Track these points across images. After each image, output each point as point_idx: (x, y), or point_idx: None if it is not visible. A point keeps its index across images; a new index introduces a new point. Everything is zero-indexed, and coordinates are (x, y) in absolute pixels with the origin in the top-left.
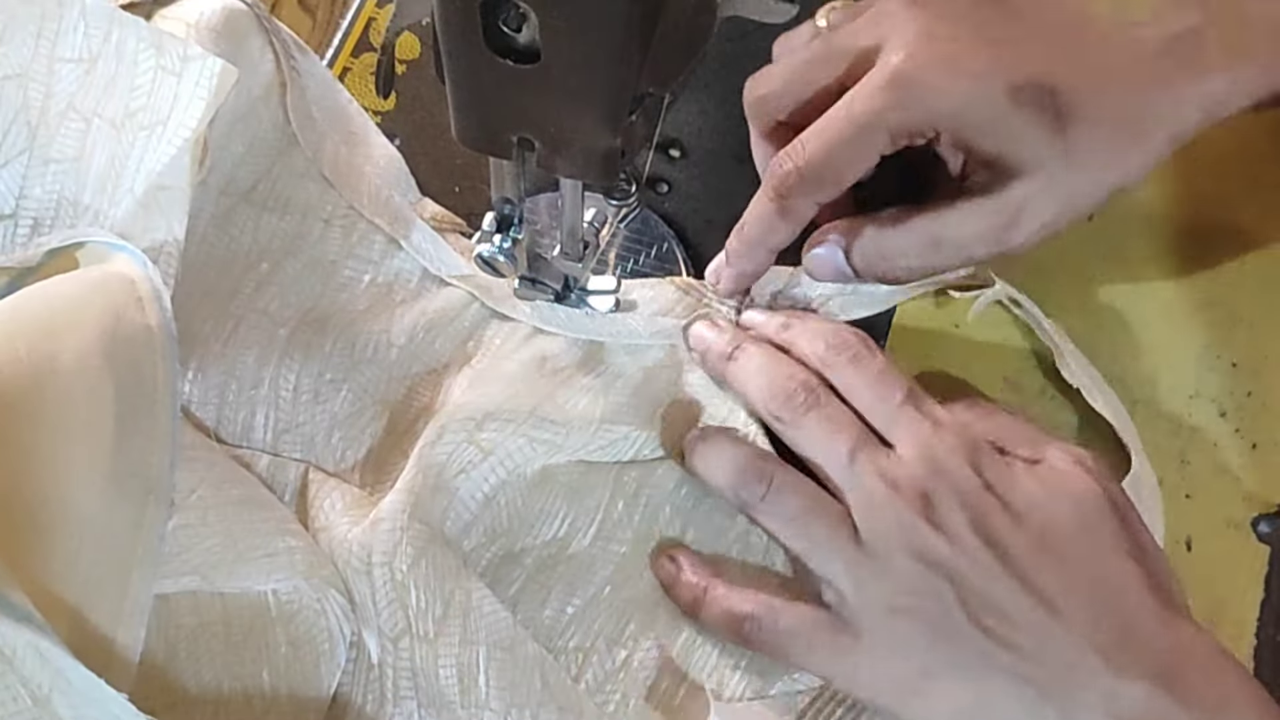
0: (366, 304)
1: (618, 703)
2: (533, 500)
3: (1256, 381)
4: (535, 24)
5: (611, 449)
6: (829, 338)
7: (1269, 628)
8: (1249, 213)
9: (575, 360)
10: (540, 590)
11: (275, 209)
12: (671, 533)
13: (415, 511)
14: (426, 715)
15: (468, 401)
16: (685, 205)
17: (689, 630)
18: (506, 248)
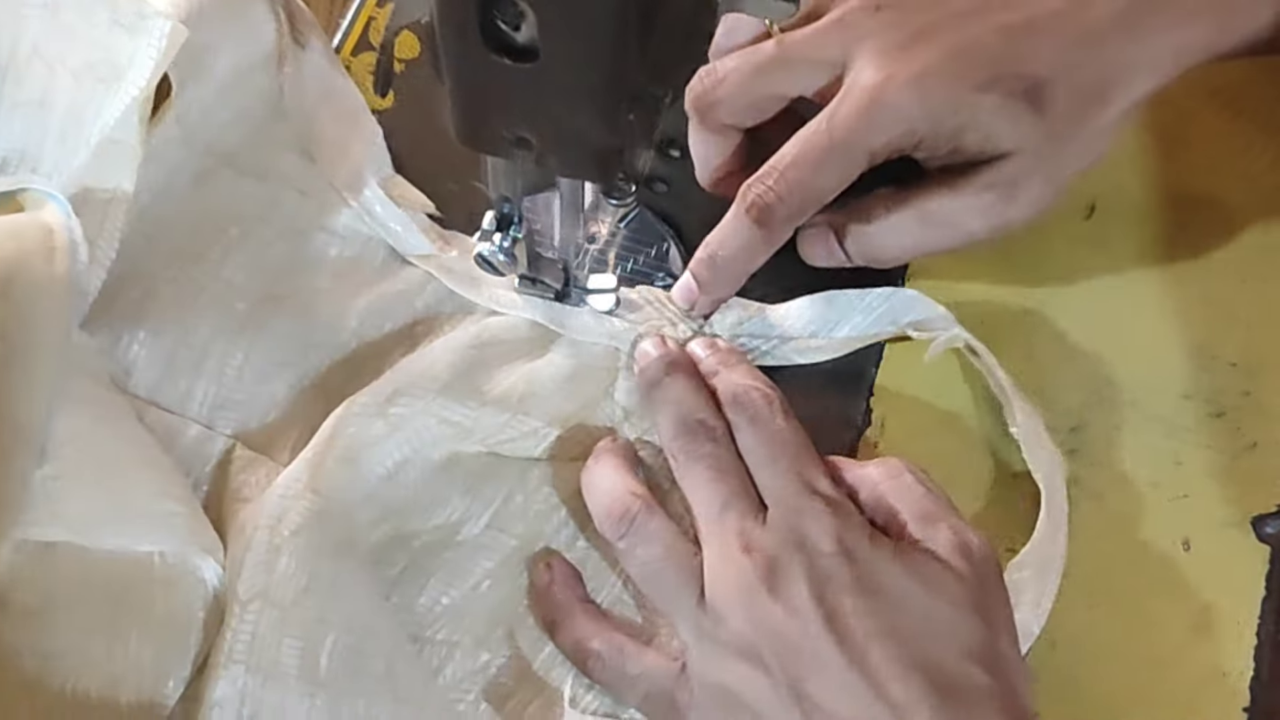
0: (329, 281)
1: (469, 704)
2: (434, 483)
3: (1254, 381)
4: (533, 22)
5: (523, 441)
6: (738, 392)
7: (1269, 627)
8: (1246, 212)
9: (514, 343)
10: (421, 576)
11: (254, 175)
12: (564, 535)
13: (313, 482)
14: (252, 681)
15: (385, 377)
16: (684, 204)
17: (551, 648)
18: (506, 246)
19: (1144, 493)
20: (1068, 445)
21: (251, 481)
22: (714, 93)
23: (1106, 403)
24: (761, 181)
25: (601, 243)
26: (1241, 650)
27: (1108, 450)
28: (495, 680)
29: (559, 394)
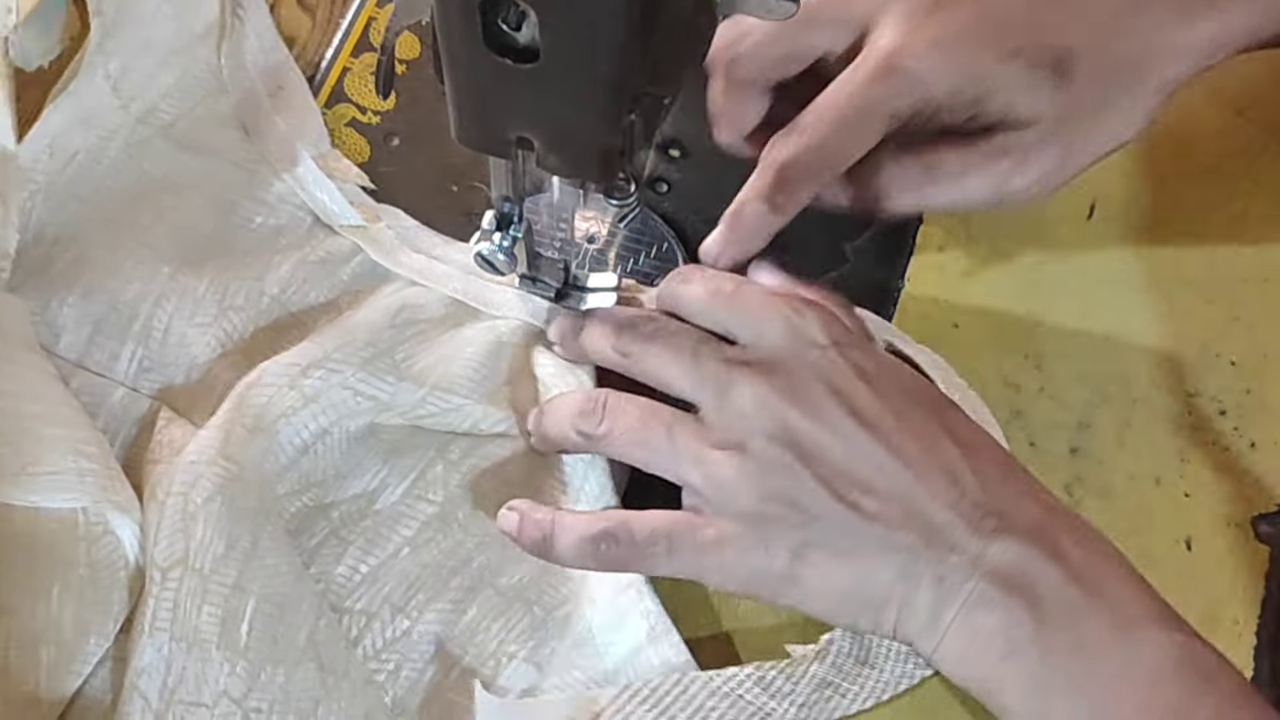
0: (250, 246)
1: (390, 672)
2: (351, 454)
3: (1256, 380)
4: (535, 23)
5: (443, 418)
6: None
7: (1269, 627)
8: (1249, 211)
9: (434, 315)
10: (339, 545)
11: (190, 148)
12: (489, 503)
13: (225, 449)
14: (176, 649)
15: (300, 346)
16: (685, 205)
17: (475, 610)
18: (506, 246)
19: (1148, 491)
20: (1073, 443)
21: (164, 442)
22: (737, 46)
23: (1112, 401)
24: (784, 139)
25: (601, 243)
26: (1241, 650)
27: (1115, 449)
28: (415, 646)
29: (479, 371)
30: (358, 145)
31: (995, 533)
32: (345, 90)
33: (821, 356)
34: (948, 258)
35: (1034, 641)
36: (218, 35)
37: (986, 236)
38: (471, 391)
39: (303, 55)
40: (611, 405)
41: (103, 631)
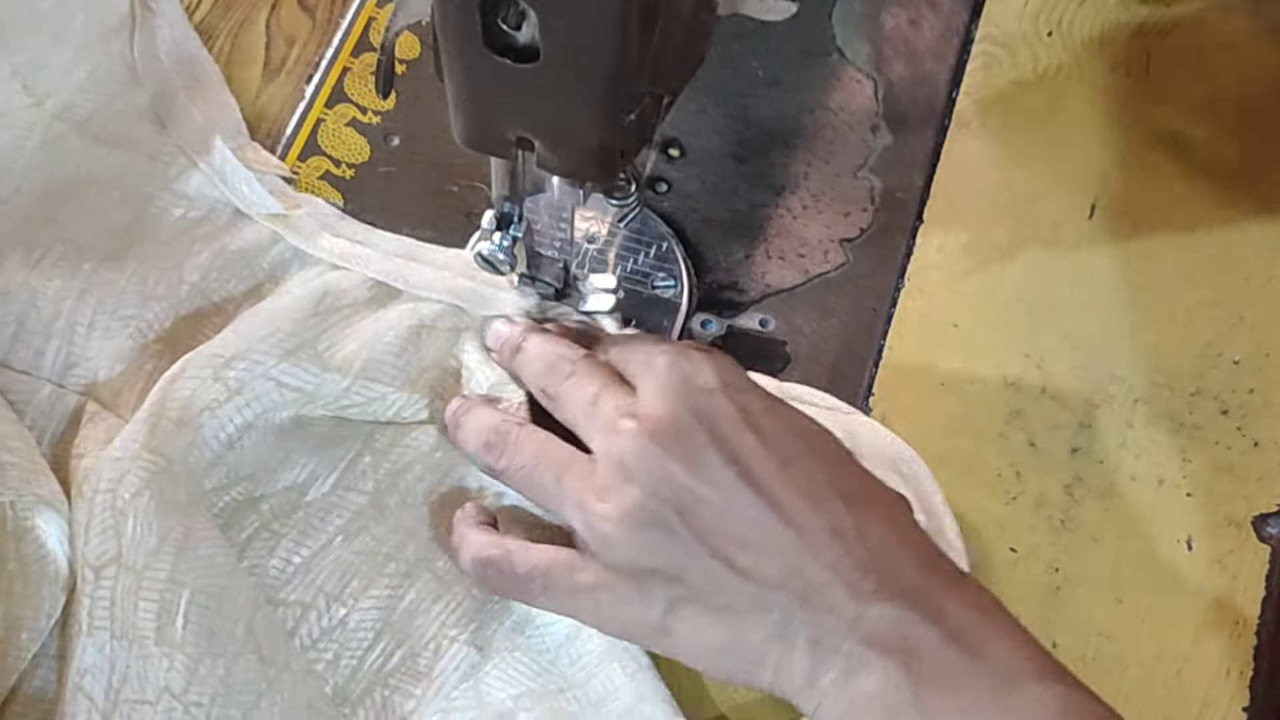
0: (170, 237)
1: (329, 662)
2: (278, 447)
3: (1259, 379)
4: (535, 23)
5: (367, 407)
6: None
7: (1270, 627)
8: (1249, 211)
9: (357, 300)
10: (271, 538)
11: (107, 142)
12: (420, 488)
13: (150, 442)
14: (118, 648)
15: (222, 337)
16: (685, 205)
17: (414, 594)
18: (506, 246)
19: (1149, 491)
20: (1074, 444)
21: (90, 436)
22: None
23: (1114, 401)
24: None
25: (601, 243)
26: (1241, 650)
27: (1116, 449)
28: (354, 634)
29: (401, 358)
30: (358, 145)
31: (874, 595)
32: (345, 90)
33: (709, 402)
34: (948, 258)
35: (912, 705)
36: (130, 28)
37: (986, 236)
38: (394, 379)
39: (303, 55)
40: (512, 440)
41: (34, 627)
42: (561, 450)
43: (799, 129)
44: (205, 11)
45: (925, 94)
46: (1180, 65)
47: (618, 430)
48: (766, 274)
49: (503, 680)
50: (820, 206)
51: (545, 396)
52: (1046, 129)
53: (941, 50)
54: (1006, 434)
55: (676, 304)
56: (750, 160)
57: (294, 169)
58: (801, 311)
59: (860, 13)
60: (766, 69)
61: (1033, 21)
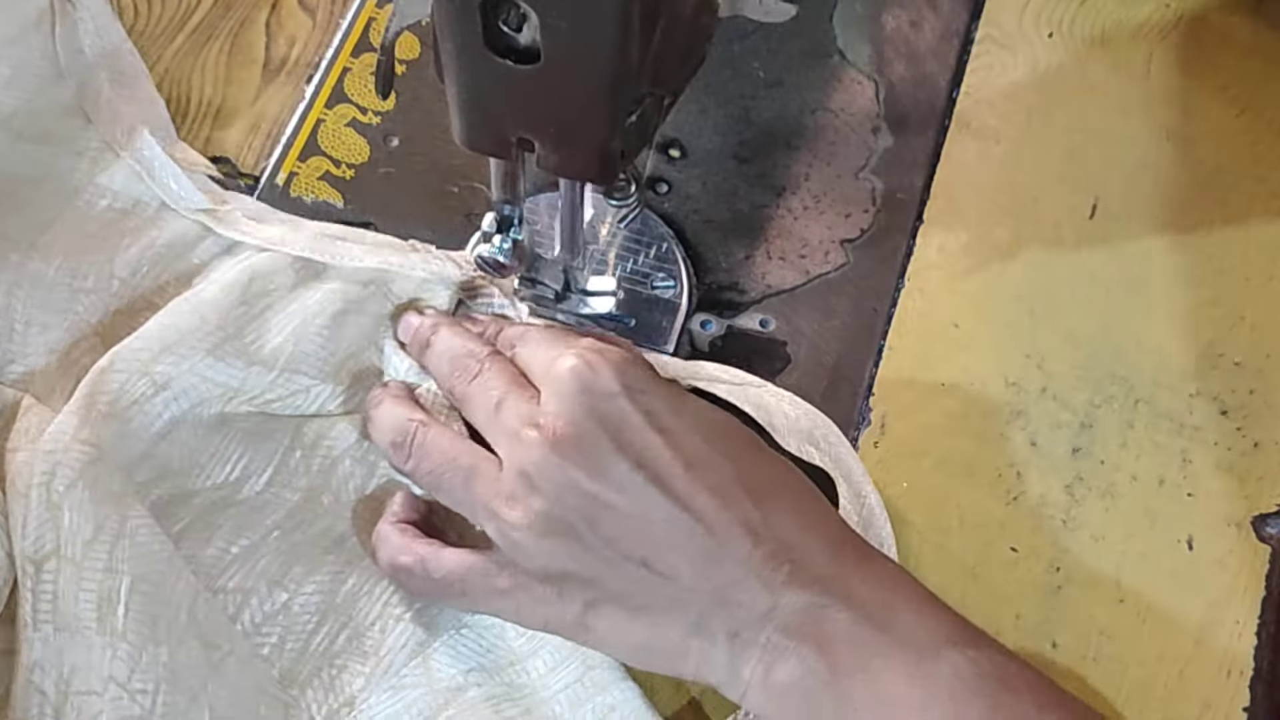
0: (96, 229)
1: (274, 645)
2: (207, 442)
3: (1259, 380)
4: (535, 24)
5: (292, 400)
6: (496, 326)
7: (1270, 626)
8: (1251, 211)
9: (283, 285)
10: (206, 529)
11: (32, 139)
12: (352, 484)
13: (81, 433)
14: (64, 640)
15: (149, 329)
16: (685, 205)
17: (355, 578)
18: (506, 248)
19: (1150, 491)
20: (1075, 444)
21: (24, 429)
22: None
23: (1114, 401)
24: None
25: (601, 243)
26: (1242, 649)
27: (1117, 449)
28: (298, 618)
29: (325, 349)
30: (358, 145)
31: (786, 585)
32: (345, 90)
33: (611, 406)
34: (948, 258)
35: (830, 687)
36: (50, 21)
37: (987, 236)
38: (318, 371)
39: (303, 55)
40: (419, 442)
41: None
42: (470, 454)
43: (800, 130)
44: (205, 11)
45: (926, 95)
46: (1180, 65)
47: (521, 439)
48: (767, 274)
49: (451, 657)
50: (821, 207)
51: (453, 396)
52: (1046, 129)
53: (942, 51)
54: (1007, 434)
55: (676, 304)
56: (751, 161)
57: (294, 169)
58: (802, 312)
59: (861, 14)
60: (767, 70)
61: (1033, 22)
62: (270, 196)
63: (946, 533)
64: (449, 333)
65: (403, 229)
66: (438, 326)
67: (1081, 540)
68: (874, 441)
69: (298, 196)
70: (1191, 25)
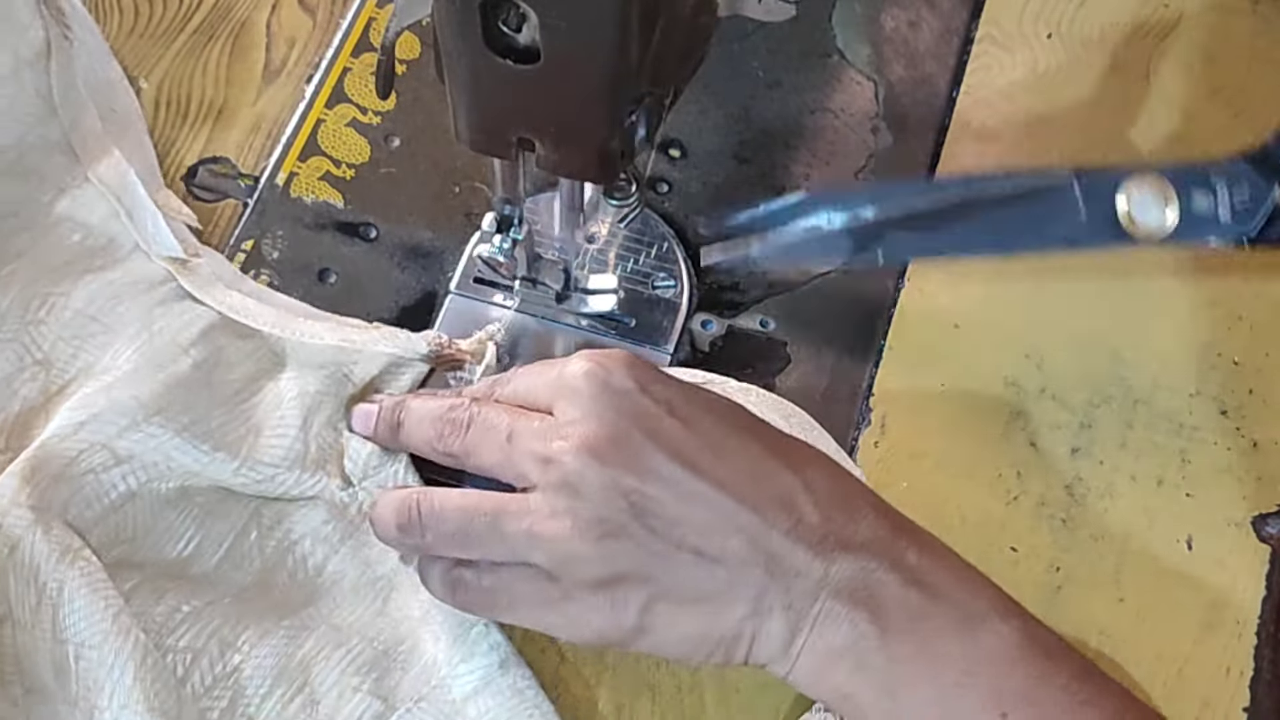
0: (61, 262)
1: (223, 710)
2: (161, 517)
3: (1258, 380)
4: (535, 24)
5: (254, 486)
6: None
7: (1269, 627)
8: None
9: (246, 375)
10: (155, 591)
11: (17, 175)
12: (311, 562)
13: (21, 495)
14: (30, 700)
15: (119, 398)
16: (685, 205)
17: (312, 643)
18: (506, 248)
19: (1149, 491)
20: (1075, 444)
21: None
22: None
23: (1114, 401)
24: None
25: (601, 243)
26: (1241, 650)
27: (1116, 449)
28: (249, 681)
29: (289, 438)
30: (358, 146)
31: (835, 551)
32: (345, 90)
33: (633, 402)
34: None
35: (880, 650)
36: (45, 58)
37: None
38: (281, 458)
39: (303, 55)
40: (426, 512)
41: None
42: (488, 499)
43: (800, 130)
44: (206, 12)
45: (925, 95)
46: (1181, 65)
47: (550, 457)
48: (767, 274)
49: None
50: None
51: (448, 456)
52: (1046, 129)
53: (941, 51)
54: (1007, 434)
55: (676, 304)
56: (751, 161)
57: (294, 169)
58: (802, 312)
59: (860, 14)
60: (767, 70)
61: (1033, 22)
62: (270, 196)
63: (946, 533)
64: (419, 402)
65: (403, 229)
66: (400, 403)
67: (1081, 540)
68: (874, 441)
69: (298, 196)
70: (1190, 26)
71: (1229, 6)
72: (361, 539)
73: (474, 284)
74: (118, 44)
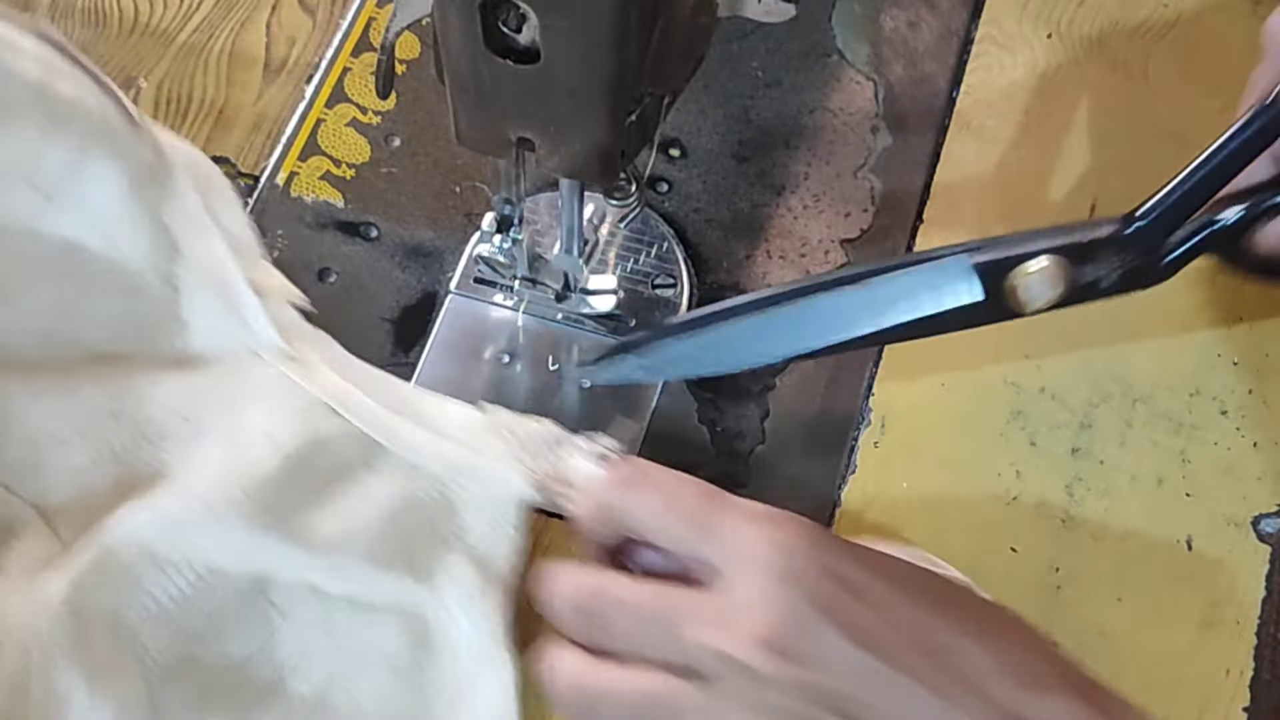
0: (157, 356)
1: None
2: (229, 608)
3: (1258, 380)
4: (535, 24)
5: (329, 585)
6: (600, 496)
7: (1269, 627)
8: None
9: (340, 459)
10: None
11: (130, 290)
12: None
13: (72, 597)
14: None
15: (198, 494)
16: (685, 205)
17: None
18: (506, 248)
19: (1149, 491)
20: (1075, 444)
21: (19, 551)
22: None
23: (1114, 401)
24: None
25: (601, 243)
26: (1241, 650)
27: (1116, 449)
28: None
29: (380, 536)
30: (358, 145)
31: (1046, 692)
32: (345, 90)
33: (814, 588)
34: None
35: None
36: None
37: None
38: (368, 558)
39: (303, 55)
40: (594, 690)
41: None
42: (667, 689)
43: (799, 130)
44: (206, 12)
45: (925, 95)
46: (1180, 65)
47: (729, 651)
48: (767, 274)
49: None
50: (821, 207)
51: (592, 640)
52: (1046, 129)
53: (941, 51)
54: (1007, 434)
55: (676, 304)
56: (751, 160)
57: (294, 169)
58: None
59: (860, 14)
60: (767, 70)
61: (1032, 22)
62: (271, 196)
63: (946, 533)
64: (551, 577)
65: (403, 229)
66: (551, 574)
67: (1081, 540)
68: (874, 441)
69: (298, 196)
70: (1189, 26)
71: (1229, 6)
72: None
73: (474, 284)
74: (118, 44)
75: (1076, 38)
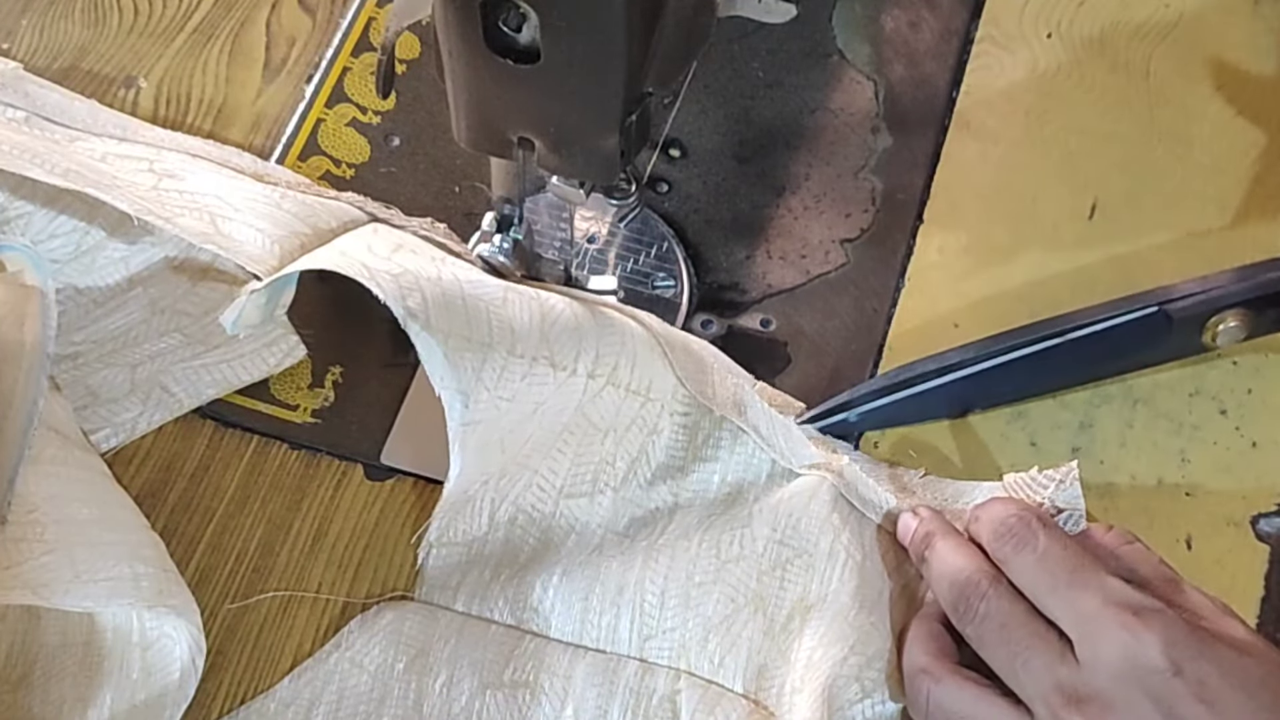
0: (724, 505)
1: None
2: None
3: (1257, 379)
4: (535, 24)
5: None
6: (996, 527)
7: (1269, 626)
8: (1248, 211)
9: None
10: None
11: (638, 394)
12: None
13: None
14: None
15: (859, 627)
16: (685, 205)
17: None
18: (506, 248)
19: (1149, 491)
20: (1075, 443)
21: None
22: None
23: (1113, 401)
24: None
25: (601, 243)
26: None
27: (1116, 449)
28: None
29: None
30: (358, 145)
31: None
32: (345, 90)
33: (1163, 686)
34: (948, 258)
35: None
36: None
37: (986, 236)
38: None
39: (303, 55)
40: (982, 614)
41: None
42: (1028, 632)
43: (800, 130)
44: (206, 11)
45: (925, 95)
46: (1181, 65)
47: (1059, 715)
48: (767, 274)
49: None
50: (821, 207)
51: (960, 622)
52: (1046, 129)
53: (941, 51)
54: (1007, 434)
55: (677, 304)
56: (751, 161)
57: (294, 168)
58: (802, 312)
59: (860, 14)
60: (767, 70)
61: (1033, 22)
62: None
63: None
64: (946, 547)
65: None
66: (930, 538)
67: None
68: (874, 442)
69: None
70: (1190, 26)
71: (1229, 6)
72: None
73: None
74: (118, 43)
75: (1076, 38)
